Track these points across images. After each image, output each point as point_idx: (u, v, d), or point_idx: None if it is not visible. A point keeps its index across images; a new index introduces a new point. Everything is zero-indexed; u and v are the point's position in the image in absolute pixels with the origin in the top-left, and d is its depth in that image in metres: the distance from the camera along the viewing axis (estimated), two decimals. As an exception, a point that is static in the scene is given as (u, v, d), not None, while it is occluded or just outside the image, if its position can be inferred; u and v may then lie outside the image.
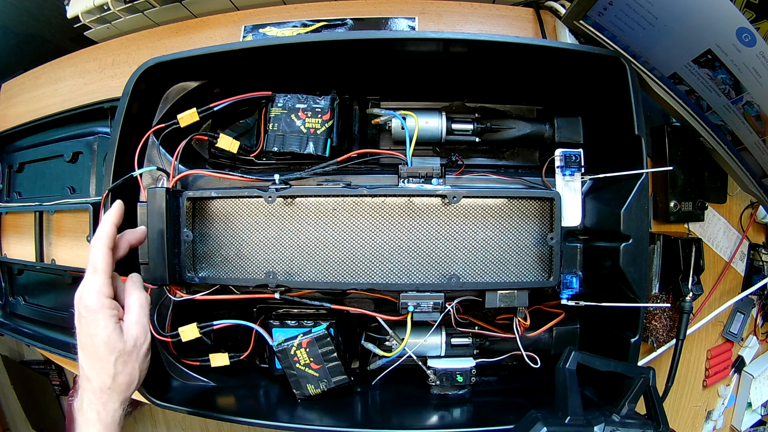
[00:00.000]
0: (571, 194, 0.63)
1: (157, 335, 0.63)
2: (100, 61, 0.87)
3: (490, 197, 0.61)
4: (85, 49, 0.91)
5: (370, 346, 0.68)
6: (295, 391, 0.65)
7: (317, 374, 0.64)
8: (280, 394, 0.69)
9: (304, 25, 0.77)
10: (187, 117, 0.65)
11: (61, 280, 0.86)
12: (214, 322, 0.64)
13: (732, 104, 0.58)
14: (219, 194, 0.63)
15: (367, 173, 0.68)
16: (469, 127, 0.67)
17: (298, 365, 0.64)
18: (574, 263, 0.65)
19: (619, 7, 0.56)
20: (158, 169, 0.65)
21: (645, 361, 0.76)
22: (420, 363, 0.68)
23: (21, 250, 0.93)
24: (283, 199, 0.62)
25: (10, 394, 1.56)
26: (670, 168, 0.68)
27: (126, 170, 0.64)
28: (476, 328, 0.69)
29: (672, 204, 0.72)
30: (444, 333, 0.69)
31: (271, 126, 0.65)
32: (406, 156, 0.63)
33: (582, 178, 0.64)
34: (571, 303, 0.62)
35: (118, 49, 0.86)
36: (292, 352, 0.63)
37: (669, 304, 0.71)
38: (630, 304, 0.58)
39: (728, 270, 0.82)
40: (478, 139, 0.68)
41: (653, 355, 0.76)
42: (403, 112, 0.65)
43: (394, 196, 0.61)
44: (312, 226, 0.62)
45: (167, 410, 0.63)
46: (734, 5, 0.49)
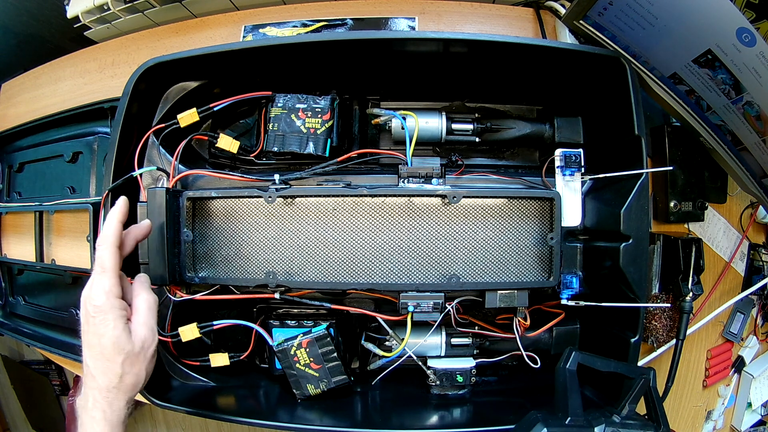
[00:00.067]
0: (571, 194, 0.64)
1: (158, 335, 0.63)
2: (100, 61, 0.87)
3: (490, 197, 0.61)
4: (85, 49, 0.90)
5: (370, 346, 0.68)
6: (295, 391, 0.65)
7: (317, 374, 0.64)
8: (280, 394, 0.69)
9: (304, 25, 0.77)
10: (187, 117, 0.65)
11: (61, 280, 0.86)
12: (214, 322, 0.64)
13: (732, 104, 0.58)
14: (219, 194, 0.63)
15: (367, 173, 0.68)
16: (469, 127, 0.67)
17: (298, 365, 0.64)
18: (574, 263, 0.65)
19: (619, 7, 0.56)
20: (158, 169, 0.65)
21: (645, 361, 0.76)
22: (420, 363, 0.68)
23: (21, 250, 0.93)
24: (283, 199, 0.62)
25: (10, 394, 1.56)
26: (670, 168, 0.68)
27: (126, 170, 0.64)
28: (476, 328, 0.69)
29: (672, 204, 0.72)
30: (444, 333, 0.69)
31: (271, 126, 0.65)
32: (406, 156, 0.63)
33: (582, 178, 0.64)
34: (571, 303, 0.62)
35: (118, 49, 0.85)
36: (292, 352, 0.63)
37: (669, 304, 0.71)
38: (630, 304, 0.58)
39: (728, 270, 0.82)
40: (478, 139, 0.68)
41: (653, 355, 0.76)
42: (403, 112, 0.65)
43: (394, 196, 0.61)
44: (312, 226, 0.62)
45: (167, 410, 0.63)
46: (734, 5, 0.49)
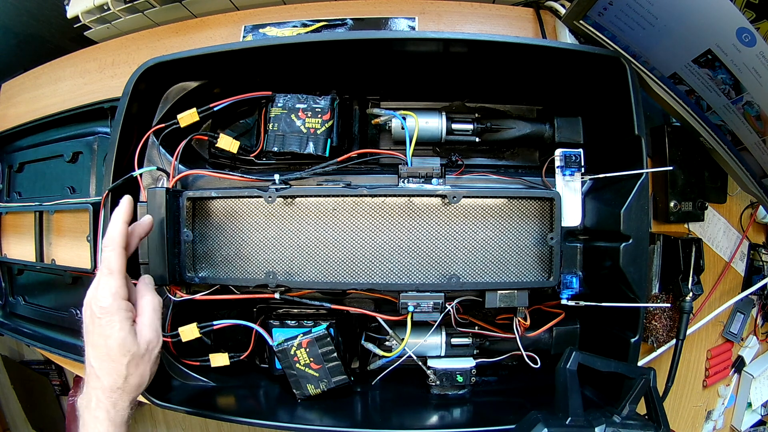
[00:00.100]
0: (571, 194, 0.63)
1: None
2: (100, 61, 0.86)
3: (490, 197, 0.61)
4: (85, 49, 0.90)
5: (370, 346, 0.68)
6: (295, 391, 0.65)
7: (317, 374, 0.64)
8: (280, 394, 0.69)
9: (304, 25, 0.77)
10: (187, 117, 0.65)
11: (61, 280, 0.86)
12: (214, 322, 0.64)
13: (732, 104, 0.58)
14: (219, 194, 0.63)
15: (367, 173, 0.68)
16: (469, 127, 0.67)
17: (298, 365, 0.64)
18: (574, 263, 0.65)
19: (619, 7, 0.56)
20: (158, 169, 0.65)
21: (645, 361, 0.76)
22: (420, 363, 0.68)
23: (21, 250, 0.93)
24: (283, 199, 0.62)
25: (10, 394, 1.56)
26: (670, 168, 0.68)
27: (126, 170, 0.64)
28: (476, 328, 0.69)
29: (672, 204, 0.72)
30: (444, 333, 0.69)
31: (271, 126, 0.65)
32: (406, 156, 0.63)
33: (582, 178, 0.64)
34: (571, 303, 0.62)
35: (118, 49, 0.85)
36: (292, 352, 0.63)
37: (669, 304, 0.71)
38: (630, 304, 0.58)
39: (728, 270, 0.82)
40: (478, 139, 0.68)
41: (653, 355, 0.76)
42: (403, 112, 0.65)
43: (394, 196, 0.61)
44: (312, 226, 0.62)
45: (167, 410, 0.63)
46: (734, 5, 0.49)
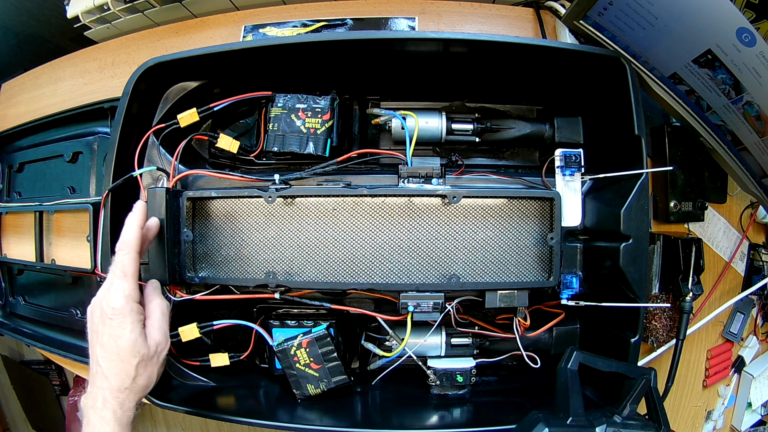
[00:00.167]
0: (571, 194, 0.63)
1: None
2: (100, 61, 0.86)
3: (490, 197, 0.61)
4: (85, 49, 0.90)
5: (370, 346, 0.68)
6: (295, 391, 0.65)
7: (317, 374, 0.64)
8: (280, 394, 0.69)
9: (304, 25, 0.77)
10: (187, 117, 0.65)
11: (61, 280, 0.86)
12: (214, 322, 0.64)
13: (732, 104, 0.58)
14: (219, 194, 0.63)
15: (367, 173, 0.68)
16: (469, 127, 0.67)
17: (298, 365, 0.64)
18: (574, 263, 0.65)
19: (619, 7, 0.56)
20: (158, 169, 0.65)
21: (645, 361, 0.76)
22: (420, 363, 0.68)
23: (21, 250, 0.93)
24: (283, 199, 0.62)
25: (10, 394, 1.56)
26: (670, 168, 0.68)
27: (126, 170, 0.64)
28: (476, 328, 0.69)
29: (672, 204, 0.72)
30: (444, 333, 0.69)
31: (271, 126, 0.65)
32: (406, 156, 0.63)
33: (582, 178, 0.64)
34: (571, 303, 0.62)
35: (118, 49, 0.85)
36: (292, 352, 0.63)
37: (669, 304, 0.71)
38: (630, 304, 0.58)
39: (728, 270, 0.82)
40: (478, 139, 0.68)
41: (653, 355, 0.76)
42: (403, 112, 0.65)
43: (394, 196, 0.61)
44: (312, 226, 0.62)
45: (167, 410, 0.63)
46: (734, 5, 0.49)
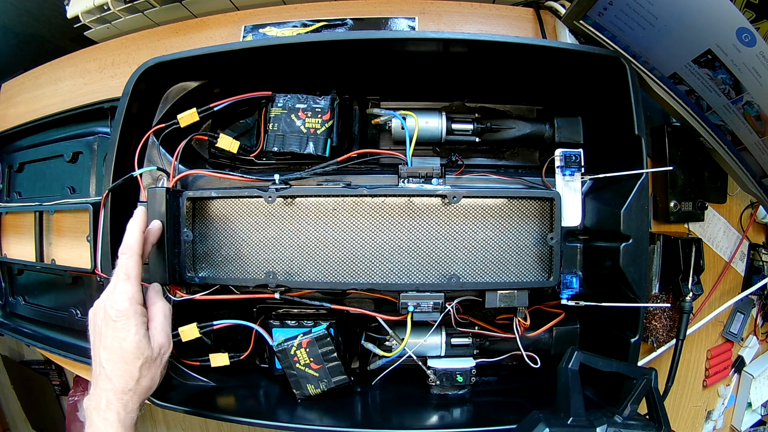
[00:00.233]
0: (571, 194, 0.63)
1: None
2: (100, 61, 0.86)
3: (490, 197, 0.61)
4: (85, 49, 0.90)
5: (370, 346, 0.68)
6: (295, 391, 0.65)
7: (317, 374, 0.64)
8: (280, 394, 0.69)
9: (304, 25, 0.77)
10: (187, 117, 0.65)
11: (61, 280, 0.86)
12: (214, 322, 0.64)
13: (732, 104, 0.58)
14: (219, 194, 0.63)
15: (367, 173, 0.68)
16: (469, 127, 0.67)
17: (298, 365, 0.64)
18: (574, 263, 0.65)
19: (619, 7, 0.56)
20: (158, 169, 0.65)
21: (645, 361, 0.76)
22: (420, 363, 0.68)
23: (21, 250, 0.93)
24: (283, 199, 0.62)
25: (10, 394, 1.56)
26: (670, 168, 0.68)
27: (126, 170, 0.64)
28: (476, 328, 0.69)
29: (672, 204, 0.72)
30: (444, 333, 0.69)
31: (271, 126, 0.65)
32: (406, 156, 0.63)
33: (582, 178, 0.64)
34: (571, 303, 0.62)
35: (118, 49, 0.85)
36: (292, 352, 0.63)
37: (669, 304, 0.71)
38: (630, 304, 0.58)
39: (728, 270, 0.82)
40: (478, 139, 0.68)
41: (653, 355, 0.76)
42: (403, 112, 0.65)
43: (394, 196, 0.61)
44: (312, 226, 0.62)
45: (167, 410, 0.63)
46: (734, 5, 0.49)
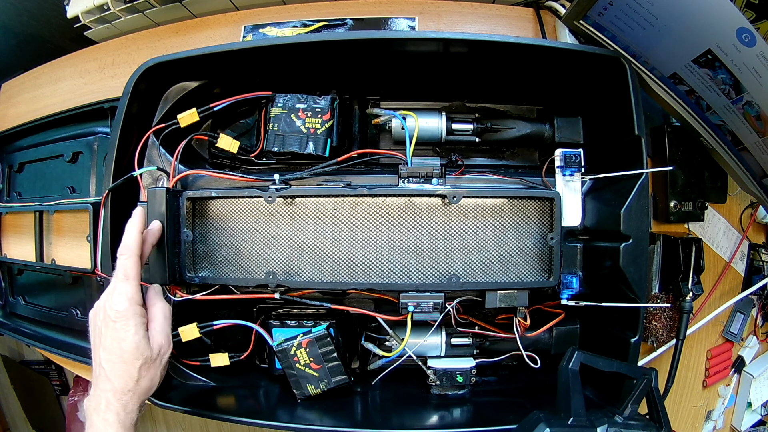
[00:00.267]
0: (571, 194, 0.63)
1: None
2: (100, 61, 0.86)
3: (490, 197, 0.61)
4: (85, 49, 0.90)
5: (370, 346, 0.68)
6: (295, 391, 0.65)
7: (317, 374, 0.64)
8: (280, 394, 0.69)
9: (304, 25, 0.77)
10: (187, 117, 0.65)
11: (61, 280, 0.86)
12: (214, 322, 0.64)
13: (732, 104, 0.58)
14: (219, 194, 0.63)
15: (367, 173, 0.68)
16: (469, 127, 0.67)
17: (298, 365, 0.64)
18: (574, 263, 0.65)
19: (619, 7, 0.56)
20: (158, 169, 0.65)
21: (645, 361, 0.76)
22: (420, 363, 0.68)
23: (21, 250, 0.93)
24: (283, 199, 0.62)
25: (10, 394, 1.56)
26: (670, 168, 0.68)
27: (126, 170, 0.64)
28: (476, 328, 0.69)
29: (672, 204, 0.72)
30: (444, 333, 0.69)
31: (271, 126, 0.65)
32: (406, 156, 0.63)
33: (582, 178, 0.64)
34: (571, 303, 0.62)
35: (118, 49, 0.85)
36: (292, 352, 0.63)
37: (669, 304, 0.71)
38: (630, 304, 0.58)
39: (728, 270, 0.82)
40: (478, 139, 0.68)
41: (653, 355, 0.76)
42: (403, 112, 0.65)
43: (394, 196, 0.61)
44: (312, 226, 0.62)
45: (167, 410, 0.63)
46: (734, 5, 0.49)
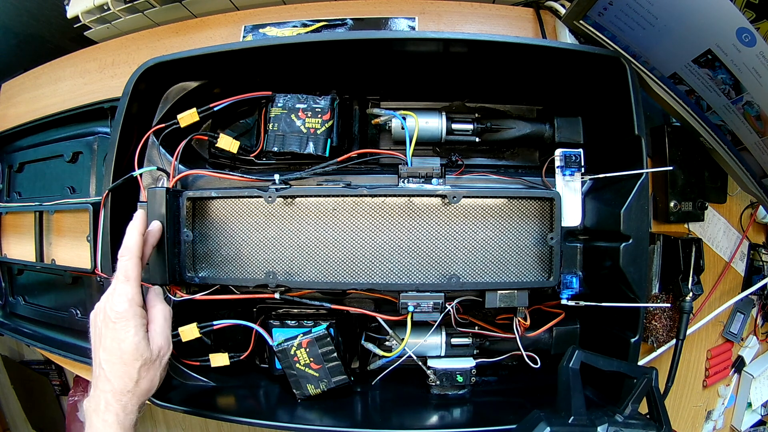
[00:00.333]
0: (571, 194, 0.63)
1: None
2: (100, 61, 0.86)
3: (490, 197, 0.61)
4: (85, 49, 0.90)
5: (370, 346, 0.68)
6: (295, 391, 0.65)
7: (317, 374, 0.64)
8: (280, 394, 0.69)
9: (304, 25, 0.77)
10: (187, 117, 0.65)
11: (61, 280, 0.86)
12: (214, 322, 0.64)
13: (732, 104, 0.58)
14: (219, 194, 0.63)
15: (367, 173, 0.68)
16: (469, 127, 0.67)
17: (298, 365, 0.64)
18: (574, 263, 0.65)
19: (619, 7, 0.56)
20: (158, 169, 0.65)
21: (645, 361, 0.76)
22: (420, 363, 0.68)
23: (21, 250, 0.93)
24: (283, 199, 0.62)
25: (10, 394, 1.56)
26: (670, 168, 0.68)
27: (126, 170, 0.64)
28: (476, 328, 0.69)
29: (672, 204, 0.72)
30: (444, 333, 0.69)
31: (271, 126, 0.65)
32: (406, 156, 0.63)
33: (582, 178, 0.64)
34: (571, 303, 0.62)
35: (118, 49, 0.85)
36: (292, 352, 0.63)
37: (669, 304, 0.71)
38: (630, 304, 0.58)
39: (728, 270, 0.82)
40: (478, 139, 0.68)
41: (653, 355, 0.76)
42: (403, 112, 0.65)
43: (394, 196, 0.61)
44: (312, 226, 0.62)
45: (167, 410, 0.63)
46: (734, 5, 0.49)
